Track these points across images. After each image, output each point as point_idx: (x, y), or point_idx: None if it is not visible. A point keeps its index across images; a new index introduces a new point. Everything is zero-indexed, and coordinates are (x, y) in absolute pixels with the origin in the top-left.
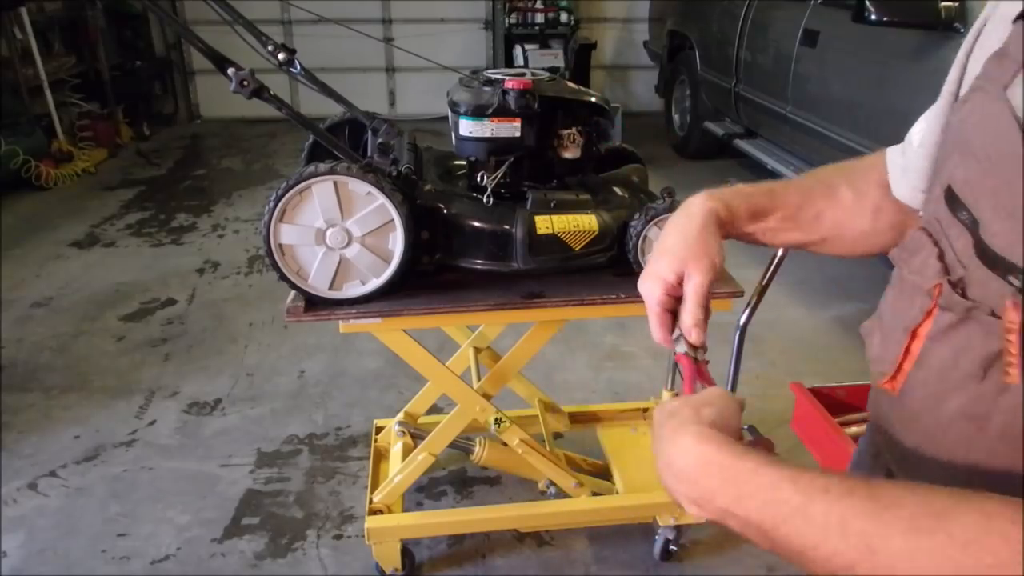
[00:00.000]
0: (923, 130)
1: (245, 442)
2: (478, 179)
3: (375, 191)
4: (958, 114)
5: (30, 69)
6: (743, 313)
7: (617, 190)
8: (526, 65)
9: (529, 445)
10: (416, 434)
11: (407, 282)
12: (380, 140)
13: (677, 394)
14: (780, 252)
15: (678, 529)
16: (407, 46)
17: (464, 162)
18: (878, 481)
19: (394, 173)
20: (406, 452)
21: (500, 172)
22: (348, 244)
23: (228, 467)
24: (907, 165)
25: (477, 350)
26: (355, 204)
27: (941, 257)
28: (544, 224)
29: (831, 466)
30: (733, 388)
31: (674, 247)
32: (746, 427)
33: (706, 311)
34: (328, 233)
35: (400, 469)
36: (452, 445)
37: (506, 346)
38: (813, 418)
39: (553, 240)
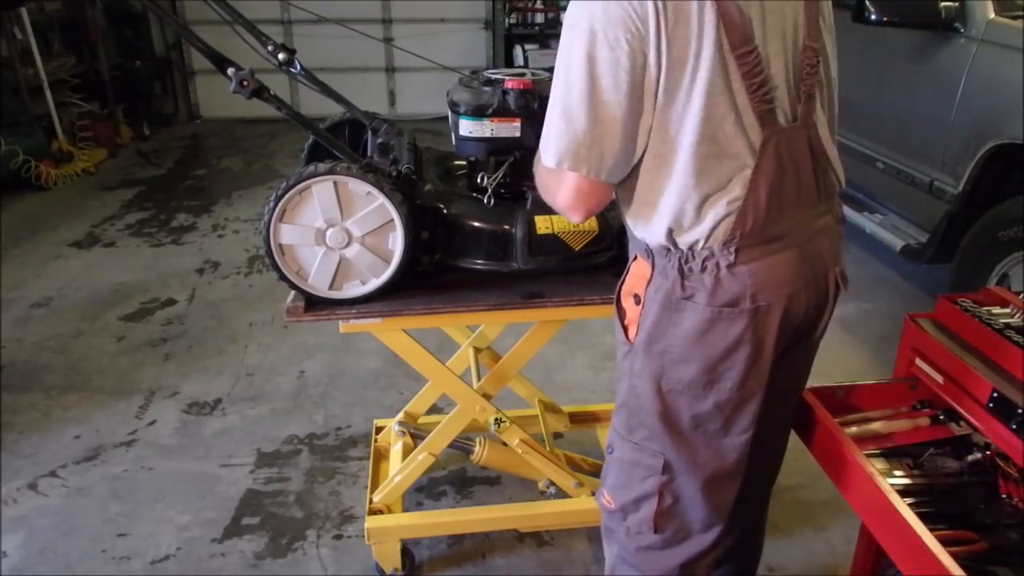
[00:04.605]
0: None
1: (245, 442)
2: (478, 179)
3: (375, 191)
4: None
5: (30, 69)
6: None
7: None
8: (526, 65)
9: (529, 445)
10: (416, 434)
11: (407, 282)
12: (380, 140)
13: None
14: None
15: None
16: (407, 46)
17: (464, 162)
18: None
19: (394, 173)
20: (406, 452)
21: (500, 172)
22: (348, 244)
23: (228, 467)
24: None
25: (477, 350)
26: (355, 204)
27: None
28: (544, 224)
29: (831, 466)
30: None
31: None
32: None
33: None
34: (328, 233)
35: (400, 469)
36: (452, 445)
37: (506, 346)
38: (813, 418)
39: (553, 240)
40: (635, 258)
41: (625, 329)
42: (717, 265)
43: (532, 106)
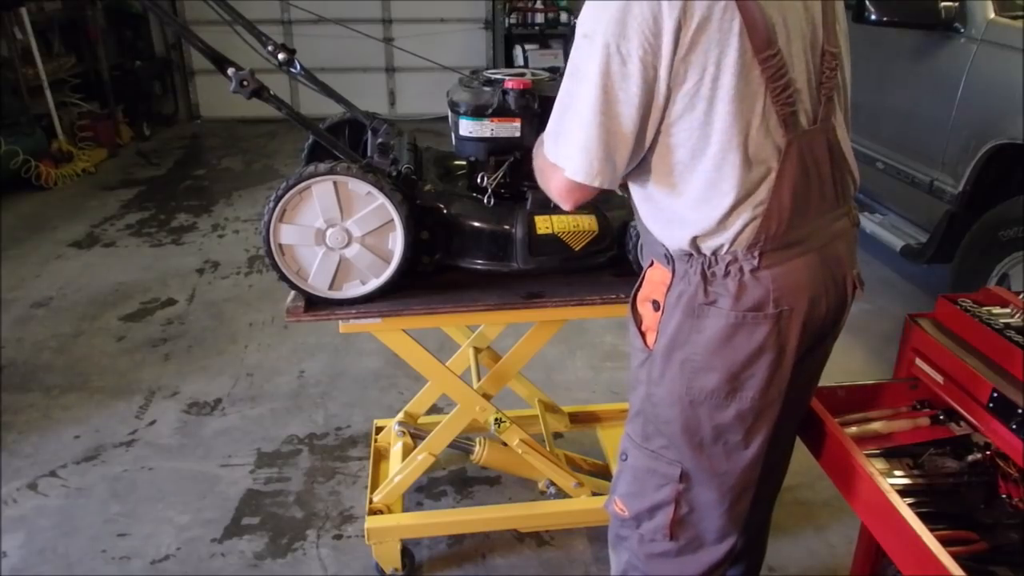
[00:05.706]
0: None
1: (245, 442)
2: (478, 179)
3: (375, 191)
4: None
5: (30, 69)
6: None
7: (617, 189)
8: (526, 65)
9: (529, 445)
10: (416, 434)
11: (407, 282)
12: (380, 140)
13: None
14: None
15: None
16: (407, 46)
17: (464, 162)
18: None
19: (394, 173)
20: (406, 452)
21: (500, 172)
22: (348, 244)
23: (228, 467)
24: None
25: (477, 350)
26: (355, 204)
27: None
28: (544, 224)
29: (832, 467)
30: None
31: None
32: None
33: None
34: (328, 233)
35: (400, 469)
36: (452, 445)
37: (506, 346)
38: (813, 418)
39: (553, 240)
40: (652, 263)
41: (643, 336)
42: (741, 270)
43: (532, 106)
